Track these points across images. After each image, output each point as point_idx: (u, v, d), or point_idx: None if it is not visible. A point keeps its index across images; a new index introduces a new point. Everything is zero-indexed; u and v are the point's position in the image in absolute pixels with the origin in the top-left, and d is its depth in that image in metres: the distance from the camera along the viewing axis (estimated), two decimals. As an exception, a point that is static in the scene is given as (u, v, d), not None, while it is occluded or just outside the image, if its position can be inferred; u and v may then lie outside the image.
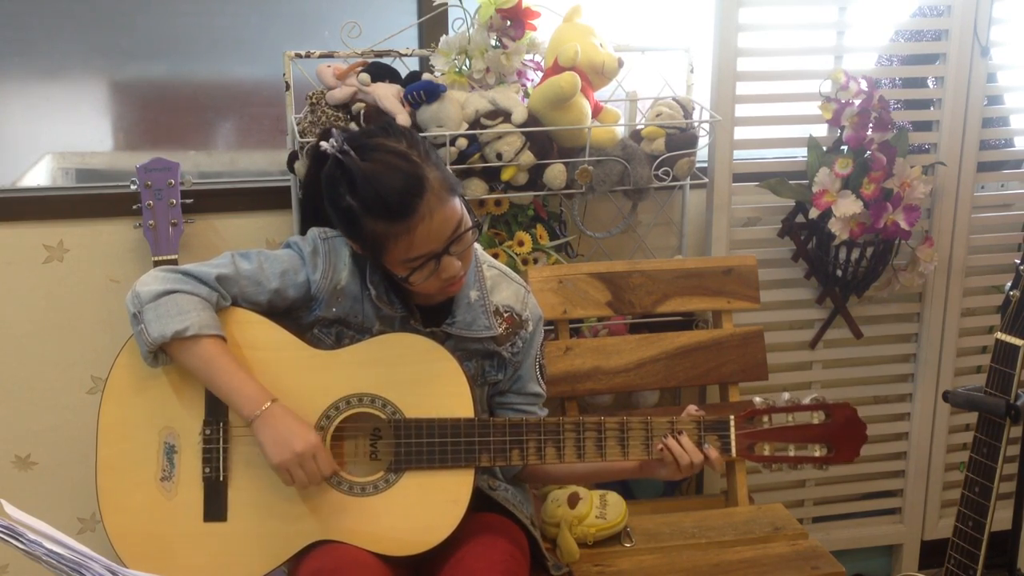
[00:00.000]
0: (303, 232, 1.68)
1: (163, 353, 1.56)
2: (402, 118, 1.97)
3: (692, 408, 1.65)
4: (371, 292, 1.61)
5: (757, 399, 1.62)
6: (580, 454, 1.60)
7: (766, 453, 1.61)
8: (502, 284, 1.72)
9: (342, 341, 1.64)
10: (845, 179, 2.19)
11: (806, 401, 1.62)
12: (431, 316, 1.66)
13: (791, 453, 1.61)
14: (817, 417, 1.60)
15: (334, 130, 1.54)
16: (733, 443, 1.61)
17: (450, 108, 2.01)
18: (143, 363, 1.57)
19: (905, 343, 2.56)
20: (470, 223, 1.55)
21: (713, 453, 1.59)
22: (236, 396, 1.53)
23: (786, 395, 1.63)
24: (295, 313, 1.66)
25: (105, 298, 2.15)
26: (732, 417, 1.61)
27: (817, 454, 1.62)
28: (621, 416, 1.61)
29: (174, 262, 2.02)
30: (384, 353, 1.59)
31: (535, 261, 2.17)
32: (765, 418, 1.61)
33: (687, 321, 2.29)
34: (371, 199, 1.47)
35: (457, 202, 1.53)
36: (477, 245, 1.74)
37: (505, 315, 1.70)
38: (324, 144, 1.52)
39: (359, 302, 1.63)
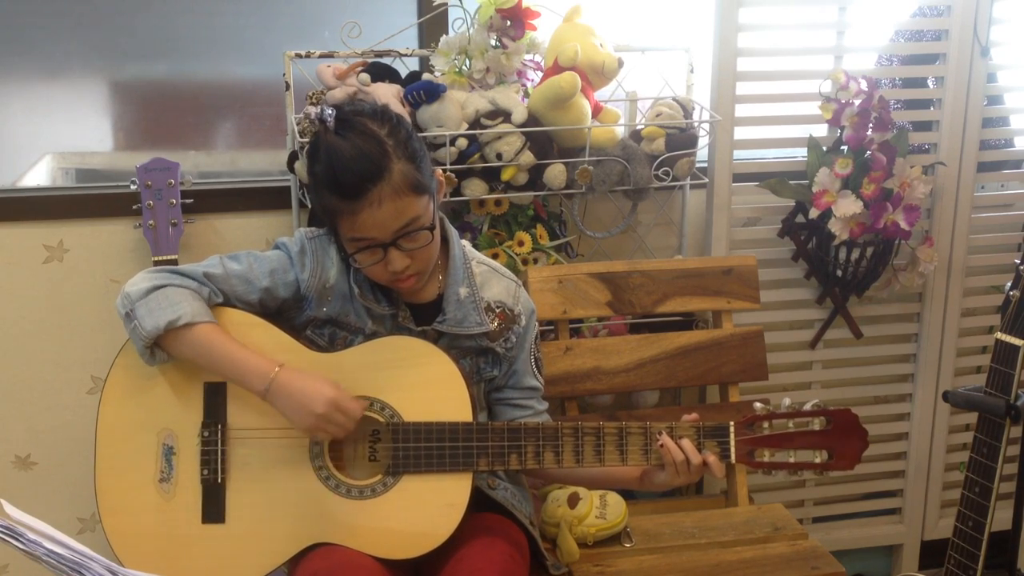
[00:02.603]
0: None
1: (159, 349, 1.56)
2: (402, 118, 1.97)
3: (694, 415, 1.65)
4: (355, 291, 1.62)
5: (757, 405, 1.61)
6: (579, 459, 1.60)
7: (766, 459, 1.60)
8: (492, 280, 1.72)
9: (335, 342, 1.65)
10: (845, 179, 2.19)
11: (807, 407, 1.61)
12: (422, 314, 1.67)
13: (791, 459, 1.60)
14: (818, 423, 1.60)
15: (326, 98, 1.55)
16: (732, 449, 1.60)
17: (450, 108, 2.01)
18: (141, 365, 1.57)
19: (905, 343, 2.56)
20: (426, 224, 1.55)
21: (711, 457, 1.59)
22: (242, 373, 1.53)
23: (787, 400, 1.62)
24: (287, 314, 1.66)
25: (105, 298, 2.15)
26: (731, 423, 1.61)
27: (817, 460, 1.61)
28: (620, 422, 1.61)
29: (174, 262, 2.02)
30: (382, 356, 1.59)
31: (535, 261, 2.17)
32: (765, 424, 1.61)
33: (687, 321, 2.29)
34: (326, 173, 1.51)
35: (419, 201, 1.53)
36: (466, 242, 1.74)
37: (497, 310, 1.70)
38: (311, 109, 1.54)
39: (349, 301, 1.64)
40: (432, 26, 2.22)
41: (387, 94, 2.00)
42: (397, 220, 1.52)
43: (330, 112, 1.52)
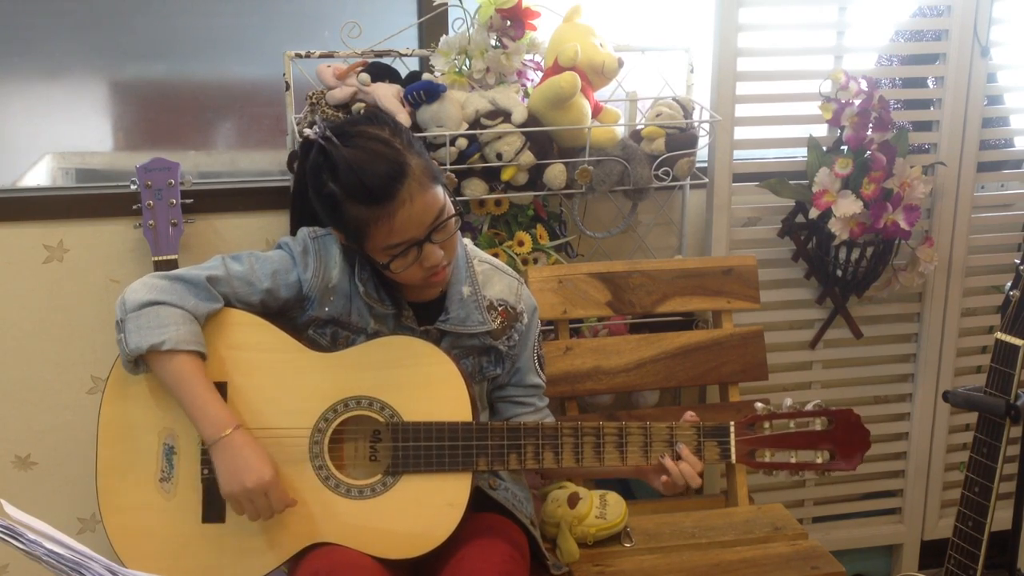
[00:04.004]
0: (293, 231, 1.69)
1: (143, 363, 1.56)
2: (402, 118, 1.97)
3: (690, 414, 1.65)
4: (360, 289, 1.62)
5: (759, 405, 1.61)
6: (578, 459, 1.60)
7: (767, 459, 1.60)
8: (494, 278, 1.72)
9: (337, 341, 1.65)
10: (845, 179, 2.19)
11: (809, 407, 1.61)
12: (424, 314, 1.67)
13: (792, 460, 1.60)
14: (820, 423, 1.59)
15: (318, 118, 1.55)
16: (733, 449, 1.60)
17: (450, 108, 2.01)
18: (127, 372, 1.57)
19: (905, 343, 2.56)
20: (452, 211, 1.56)
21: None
22: (200, 418, 1.52)
23: (788, 400, 1.62)
24: (289, 314, 1.66)
25: (105, 298, 2.15)
26: (732, 423, 1.61)
27: (819, 461, 1.60)
28: (620, 421, 1.61)
29: (174, 262, 2.02)
30: (382, 356, 1.59)
31: (535, 261, 2.17)
32: (766, 424, 1.60)
33: (687, 321, 2.29)
34: (352, 184, 1.48)
35: (439, 190, 1.54)
36: (467, 241, 1.74)
37: (499, 308, 1.70)
38: (308, 131, 1.54)
39: (351, 300, 1.64)
40: (432, 26, 2.22)
41: (387, 94, 2.00)
42: (428, 213, 1.52)
43: (329, 131, 1.51)
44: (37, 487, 2.23)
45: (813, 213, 2.23)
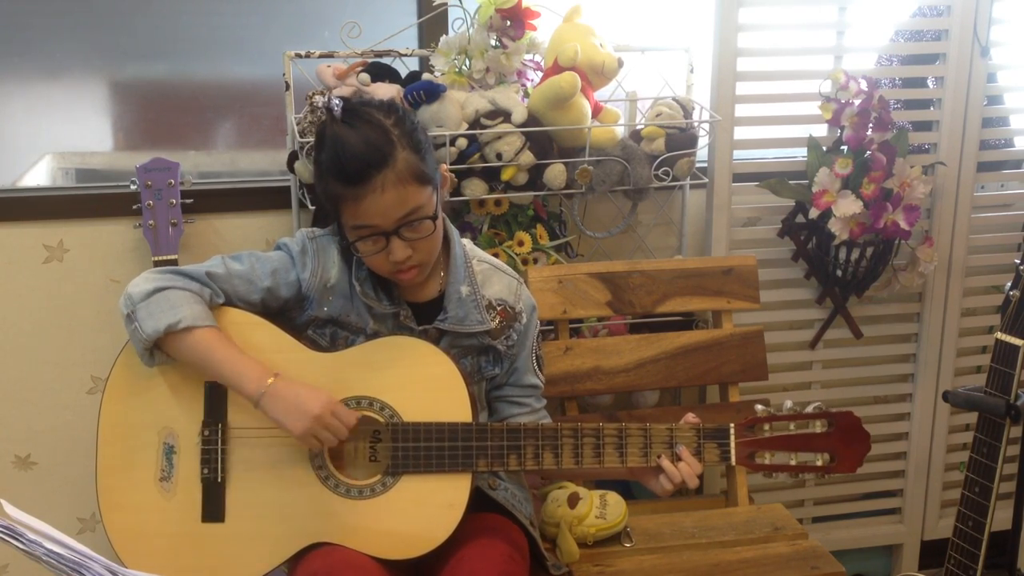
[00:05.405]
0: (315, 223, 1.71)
1: (159, 351, 1.56)
2: (402, 118, 1.97)
3: (691, 416, 1.65)
4: (357, 288, 1.62)
5: (759, 407, 1.61)
6: (578, 460, 1.60)
7: (767, 462, 1.60)
8: (494, 278, 1.72)
9: (336, 342, 1.65)
10: (845, 179, 2.19)
11: (809, 409, 1.61)
12: (423, 313, 1.67)
13: (792, 462, 1.60)
14: (820, 426, 1.60)
15: (335, 91, 1.56)
16: (733, 451, 1.60)
17: (450, 108, 2.01)
18: (143, 364, 1.57)
19: (905, 343, 2.56)
20: (429, 214, 1.56)
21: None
22: (238, 379, 1.53)
23: (788, 403, 1.62)
24: (289, 314, 1.66)
25: (105, 298, 2.15)
26: (732, 425, 1.61)
27: (819, 463, 1.61)
28: (620, 423, 1.61)
29: (174, 262, 2.02)
30: (382, 356, 1.59)
31: (535, 261, 2.17)
32: (766, 426, 1.60)
33: (687, 321, 2.29)
34: (331, 158, 1.52)
35: (422, 191, 1.54)
36: (467, 240, 1.74)
37: (498, 308, 1.70)
38: (319, 98, 1.55)
39: (350, 300, 1.64)
40: (432, 26, 2.22)
41: (387, 94, 2.00)
42: (399, 208, 1.52)
43: (337, 102, 1.53)
44: (37, 487, 2.23)
45: (813, 213, 2.23)
